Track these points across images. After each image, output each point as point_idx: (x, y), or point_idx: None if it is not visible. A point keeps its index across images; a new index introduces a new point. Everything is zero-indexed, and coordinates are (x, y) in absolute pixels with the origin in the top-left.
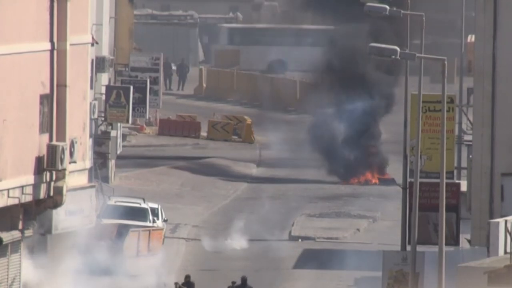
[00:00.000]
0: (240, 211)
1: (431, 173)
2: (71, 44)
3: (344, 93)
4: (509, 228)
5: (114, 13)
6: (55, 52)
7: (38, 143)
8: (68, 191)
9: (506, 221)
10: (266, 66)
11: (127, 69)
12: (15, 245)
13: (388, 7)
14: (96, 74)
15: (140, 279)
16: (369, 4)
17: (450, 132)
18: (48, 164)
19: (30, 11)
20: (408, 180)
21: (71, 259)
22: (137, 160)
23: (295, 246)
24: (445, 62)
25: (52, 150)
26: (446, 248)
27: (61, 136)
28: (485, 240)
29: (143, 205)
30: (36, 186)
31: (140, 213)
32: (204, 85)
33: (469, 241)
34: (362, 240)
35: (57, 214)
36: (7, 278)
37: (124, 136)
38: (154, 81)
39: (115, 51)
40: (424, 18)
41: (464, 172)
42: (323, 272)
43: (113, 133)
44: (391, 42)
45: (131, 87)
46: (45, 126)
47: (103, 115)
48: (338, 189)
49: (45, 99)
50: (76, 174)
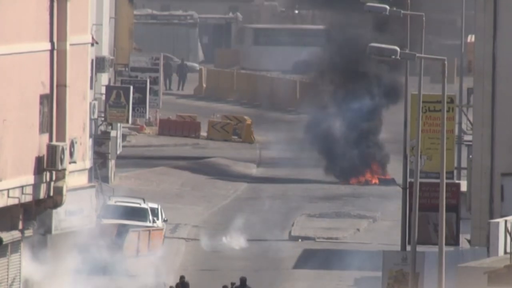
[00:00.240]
0: (240, 211)
1: (431, 173)
2: (71, 44)
3: (346, 90)
4: (509, 228)
5: (114, 13)
6: (55, 52)
7: (38, 143)
8: (68, 191)
9: (506, 221)
10: (291, 67)
11: (127, 69)
12: (15, 245)
13: (388, 7)
14: (96, 74)
15: (140, 279)
16: (369, 4)
17: (450, 132)
18: (48, 164)
19: (30, 11)
20: (408, 180)
21: (71, 259)
22: (137, 160)
23: (295, 246)
24: (445, 62)
25: (52, 150)
26: (446, 248)
27: (61, 136)
28: (485, 240)
29: (143, 205)
30: (36, 186)
31: (140, 213)
32: (204, 85)
33: (469, 241)
34: (362, 240)
35: (57, 214)
36: (7, 278)
37: (124, 136)
38: (154, 81)
39: (115, 51)
40: (424, 18)
41: (464, 172)
42: (323, 272)
43: (113, 133)
44: (397, 35)
45: (131, 87)
46: (45, 126)
47: (103, 115)
48: (338, 189)
49: (45, 99)
50: (76, 174)
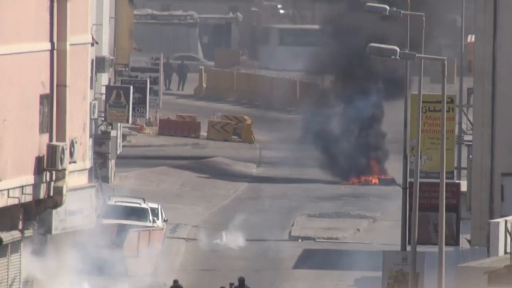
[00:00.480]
0: (240, 211)
1: (431, 173)
2: (71, 44)
3: (348, 88)
4: (509, 228)
5: (114, 13)
6: (55, 52)
7: (38, 143)
8: (68, 191)
9: (506, 221)
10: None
11: (127, 69)
12: (15, 245)
13: (388, 7)
14: (96, 74)
15: (140, 279)
16: (369, 4)
17: (450, 132)
18: (48, 164)
19: (30, 11)
20: (408, 180)
21: (71, 259)
22: (137, 160)
23: (295, 246)
24: (445, 62)
25: (52, 150)
26: (446, 248)
27: (61, 136)
28: (485, 240)
29: (143, 205)
30: (36, 186)
31: (140, 213)
32: (204, 85)
33: (469, 241)
34: (362, 240)
35: (57, 214)
36: (7, 278)
37: (124, 136)
38: (154, 81)
39: (115, 51)
40: (424, 18)
41: (464, 172)
42: (323, 272)
43: (113, 133)
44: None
45: (131, 87)
46: (45, 126)
47: (103, 115)
48: (338, 189)
49: (45, 99)
50: (76, 174)
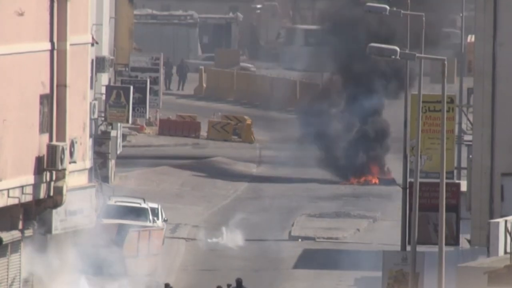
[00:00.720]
0: (240, 211)
1: (431, 173)
2: (71, 44)
3: (350, 87)
4: (509, 228)
5: (114, 13)
6: (55, 52)
7: (38, 143)
8: (68, 191)
9: (506, 221)
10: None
11: (127, 69)
12: (15, 245)
13: (388, 7)
14: (96, 74)
15: (140, 279)
16: (369, 4)
17: (450, 132)
18: (48, 164)
19: (30, 11)
20: (408, 180)
21: (71, 259)
22: (137, 160)
23: (295, 246)
24: (445, 62)
25: (52, 150)
26: (446, 248)
27: (61, 136)
28: (485, 240)
29: (143, 205)
30: (36, 186)
31: (140, 213)
32: (204, 85)
33: (469, 241)
34: (362, 240)
35: (57, 214)
36: (7, 278)
37: (124, 136)
38: (154, 81)
39: (115, 51)
40: (424, 18)
41: (464, 172)
42: (323, 272)
43: (113, 133)
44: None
45: (131, 87)
46: (45, 126)
47: (103, 115)
48: (338, 189)
49: (45, 99)
50: (76, 174)
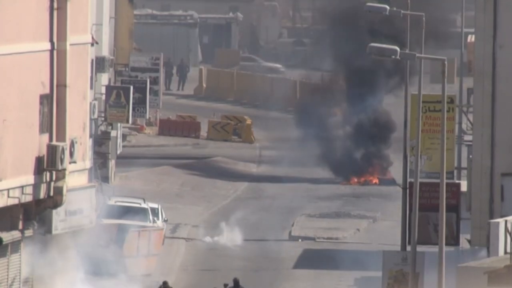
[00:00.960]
0: (240, 211)
1: (431, 173)
2: (71, 44)
3: (351, 87)
4: (509, 228)
5: (114, 13)
6: (55, 52)
7: (38, 143)
8: (68, 191)
9: (506, 221)
10: None
11: (127, 69)
12: (15, 245)
13: (388, 7)
14: (96, 74)
15: (140, 279)
16: (369, 4)
17: (450, 132)
18: (48, 164)
19: (30, 11)
20: (408, 180)
21: (71, 259)
22: (137, 160)
23: (295, 246)
24: (445, 62)
25: (52, 150)
26: (446, 248)
27: (61, 136)
28: (485, 240)
29: (143, 205)
30: (36, 186)
31: (140, 213)
32: (204, 85)
33: (469, 241)
34: (362, 240)
35: (57, 214)
36: (7, 278)
37: (124, 136)
38: (154, 81)
39: (115, 51)
40: (424, 18)
41: (464, 172)
42: (323, 272)
43: (113, 133)
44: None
45: (131, 87)
46: (45, 126)
47: (103, 115)
48: (338, 189)
49: (45, 99)
50: (76, 174)
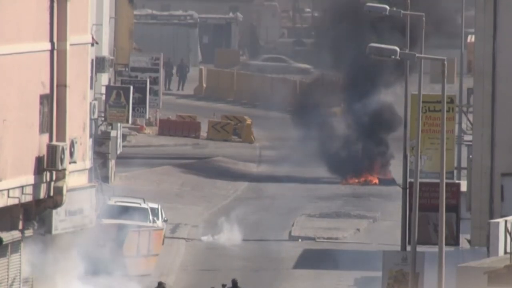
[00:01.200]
0: (240, 211)
1: (431, 173)
2: (71, 44)
3: (352, 87)
4: (509, 228)
5: (114, 13)
6: (55, 52)
7: (38, 143)
8: (68, 191)
9: (506, 221)
10: None
11: (127, 69)
12: (15, 245)
13: (388, 7)
14: (96, 74)
15: (140, 279)
16: (369, 4)
17: (450, 132)
18: (48, 164)
19: (30, 11)
20: (408, 180)
21: (71, 259)
22: (137, 160)
23: (295, 246)
24: (445, 62)
25: (52, 150)
26: (446, 248)
27: (61, 136)
28: (485, 240)
29: (143, 205)
30: (36, 186)
31: (140, 213)
32: (204, 85)
33: (469, 241)
34: (362, 240)
35: (57, 214)
36: (7, 278)
37: (124, 136)
38: (154, 81)
39: (115, 51)
40: (424, 18)
41: (464, 172)
42: (323, 272)
43: (113, 133)
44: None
45: (131, 87)
46: (45, 126)
47: (103, 115)
48: (338, 189)
49: (45, 99)
50: (76, 174)
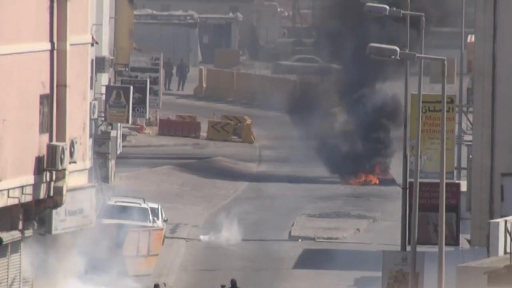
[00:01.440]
0: (240, 211)
1: (431, 173)
2: (71, 44)
3: (352, 87)
4: (509, 228)
5: (114, 13)
6: (55, 52)
7: (38, 143)
8: (68, 191)
9: (506, 221)
10: None
11: (127, 69)
12: (15, 245)
13: (388, 7)
14: (96, 74)
15: (140, 279)
16: (369, 4)
17: (450, 132)
18: (48, 164)
19: (30, 11)
20: (408, 180)
21: (71, 259)
22: (137, 160)
23: (295, 246)
24: (445, 62)
25: (52, 150)
26: (446, 248)
27: (61, 136)
28: (485, 240)
29: (143, 205)
30: (36, 186)
31: (140, 213)
32: (204, 85)
33: (469, 241)
34: (362, 240)
35: (57, 214)
36: (7, 278)
37: (124, 136)
38: (154, 81)
39: (115, 51)
40: (424, 18)
41: (464, 172)
42: (323, 272)
43: (113, 133)
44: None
45: (131, 87)
46: (45, 126)
47: (103, 115)
48: (338, 189)
49: (45, 99)
50: (76, 174)
